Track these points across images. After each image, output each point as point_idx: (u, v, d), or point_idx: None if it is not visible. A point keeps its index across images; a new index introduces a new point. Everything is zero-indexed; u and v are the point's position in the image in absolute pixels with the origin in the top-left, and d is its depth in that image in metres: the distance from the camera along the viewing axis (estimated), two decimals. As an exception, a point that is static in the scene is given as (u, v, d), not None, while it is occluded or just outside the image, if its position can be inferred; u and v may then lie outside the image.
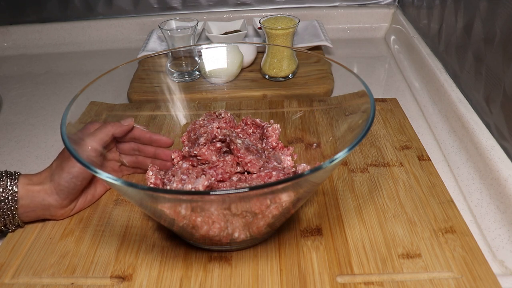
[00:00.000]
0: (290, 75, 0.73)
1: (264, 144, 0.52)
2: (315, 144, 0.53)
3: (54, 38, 1.01)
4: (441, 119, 0.63)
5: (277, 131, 0.52)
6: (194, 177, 0.45)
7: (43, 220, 0.48)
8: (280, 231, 0.45)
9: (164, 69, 0.68)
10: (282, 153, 0.51)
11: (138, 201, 0.39)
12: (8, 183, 0.44)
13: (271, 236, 0.45)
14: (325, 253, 0.43)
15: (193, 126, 0.53)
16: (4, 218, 0.45)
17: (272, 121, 0.54)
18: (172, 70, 0.69)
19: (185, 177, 0.45)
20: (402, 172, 0.53)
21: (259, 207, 0.36)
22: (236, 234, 0.39)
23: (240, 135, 0.52)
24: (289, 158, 0.50)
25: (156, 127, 0.57)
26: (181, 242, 0.44)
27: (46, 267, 0.43)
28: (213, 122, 0.52)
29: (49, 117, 0.72)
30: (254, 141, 0.52)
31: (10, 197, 0.44)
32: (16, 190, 0.44)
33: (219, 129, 0.50)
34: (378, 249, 0.43)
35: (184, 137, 0.53)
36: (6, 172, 0.46)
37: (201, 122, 0.53)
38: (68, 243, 0.45)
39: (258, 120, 0.54)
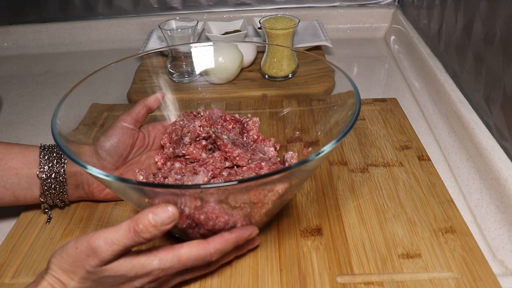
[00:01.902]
0: (289, 74, 0.73)
1: (245, 138, 0.53)
2: (297, 133, 0.55)
3: (54, 38, 1.01)
4: (441, 119, 0.63)
5: (257, 124, 0.53)
6: (191, 175, 0.45)
7: (85, 200, 0.49)
8: (280, 231, 0.45)
9: (164, 70, 0.68)
10: (264, 145, 0.52)
11: (136, 202, 0.39)
12: (58, 158, 0.46)
13: (271, 236, 0.45)
14: (325, 253, 0.43)
15: (174, 127, 0.53)
16: (54, 194, 0.46)
17: (249, 115, 0.54)
18: (172, 70, 0.69)
19: (179, 176, 0.45)
20: (402, 172, 0.53)
21: (258, 196, 0.36)
22: (238, 226, 0.39)
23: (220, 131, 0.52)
24: (272, 149, 0.52)
25: (156, 127, 0.57)
26: (180, 242, 0.44)
27: (46, 267, 0.43)
28: (194, 121, 0.52)
29: (49, 117, 0.72)
30: (235, 136, 0.53)
31: (61, 171, 0.46)
32: (65, 164, 0.46)
33: (201, 127, 0.50)
34: (378, 249, 0.43)
35: (165, 139, 0.52)
36: (54, 146, 0.47)
37: (181, 123, 0.53)
38: (68, 243, 0.45)
39: (237, 115, 0.55)
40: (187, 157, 0.48)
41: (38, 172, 0.46)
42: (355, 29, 1.00)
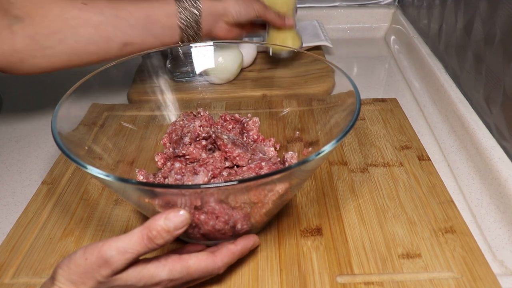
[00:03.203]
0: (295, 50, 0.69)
1: (245, 138, 0.53)
2: (297, 132, 0.55)
3: (54, 38, 1.01)
4: (441, 119, 0.63)
5: (257, 124, 0.53)
6: (191, 175, 0.45)
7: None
8: (280, 231, 0.45)
9: (164, 70, 0.68)
10: (264, 145, 0.52)
11: (136, 202, 0.39)
12: (192, 6, 0.57)
13: (271, 236, 0.45)
14: (325, 253, 0.43)
15: (173, 127, 0.53)
16: (190, 37, 0.59)
17: (249, 115, 0.55)
18: (172, 70, 0.69)
19: (179, 176, 0.45)
20: (402, 172, 0.53)
21: (258, 196, 0.36)
22: (238, 226, 0.39)
23: (220, 131, 0.52)
24: (272, 149, 0.52)
25: (156, 127, 0.57)
26: (180, 241, 0.45)
27: (46, 267, 0.43)
28: (194, 121, 0.52)
29: (49, 117, 0.72)
30: (235, 136, 0.53)
31: (197, 19, 0.57)
32: (200, 12, 0.58)
33: (201, 127, 0.50)
34: (378, 249, 0.43)
35: (165, 139, 0.53)
36: None
37: (181, 123, 0.53)
38: (68, 243, 0.45)
39: (237, 115, 0.55)
40: (187, 157, 0.48)
41: (178, 22, 0.57)
42: (355, 29, 1.00)
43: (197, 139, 0.50)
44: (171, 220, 0.32)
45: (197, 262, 0.35)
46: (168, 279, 0.34)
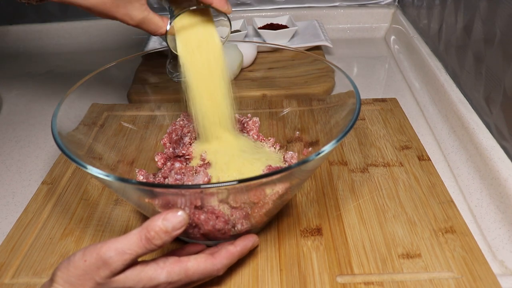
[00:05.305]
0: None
1: None
2: (297, 132, 0.55)
3: (54, 38, 1.01)
4: (441, 119, 0.63)
5: (257, 124, 0.53)
6: (191, 175, 0.45)
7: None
8: (280, 231, 0.45)
9: (164, 70, 0.68)
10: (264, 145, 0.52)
11: (136, 202, 0.39)
12: None
13: (271, 236, 0.45)
14: (325, 253, 0.43)
15: (174, 127, 0.53)
16: None
17: (249, 115, 0.55)
18: (172, 70, 0.69)
19: (179, 176, 0.45)
20: (402, 172, 0.53)
21: (258, 196, 0.37)
22: (238, 226, 0.39)
23: None
24: (272, 149, 0.52)
25: (156, 127, 0.57)
26: (180, 241, 0.45)
27: (46, 267, 0.43)
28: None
29: (49, 117, 0.72)
30: None
31: None
32: None
33: None
34: (378, 249, 0.43)
35: (165, 139, 0.53)
36: None
37: (181, 123, 0.53)
38: (68, 243, 0.45)
39: (237, 115, 0.55)
40: (187, 157, 0.48)
41: None
42: (355, 29, 1.00)
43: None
44: (169, 221, 0.32)
45: (195, 264, 0.35)
46: (166, 281, 0.34)
